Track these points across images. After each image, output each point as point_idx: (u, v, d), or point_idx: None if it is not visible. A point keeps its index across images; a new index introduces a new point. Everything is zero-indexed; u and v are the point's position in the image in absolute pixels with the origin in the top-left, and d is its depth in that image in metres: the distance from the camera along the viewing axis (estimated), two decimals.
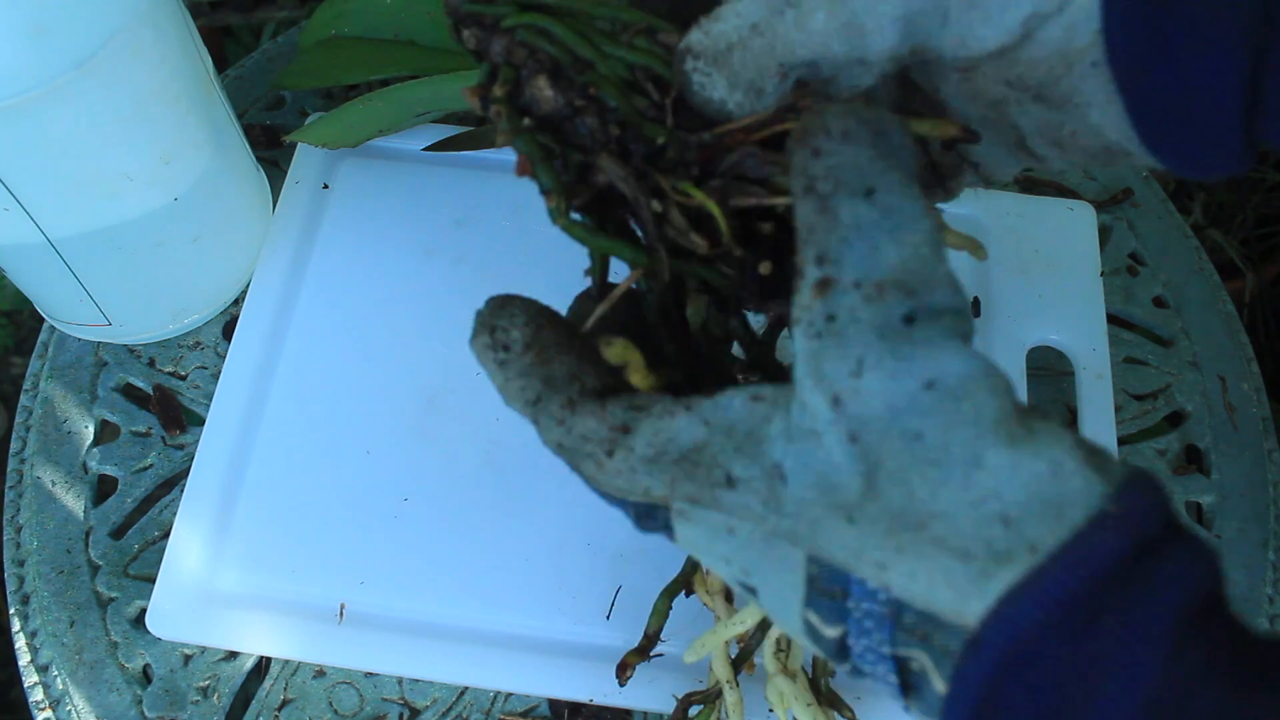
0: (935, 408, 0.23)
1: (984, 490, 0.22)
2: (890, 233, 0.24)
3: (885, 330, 0.23)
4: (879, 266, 0.24)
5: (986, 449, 0.22)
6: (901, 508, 0.23)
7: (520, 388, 0.29)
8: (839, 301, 0.24)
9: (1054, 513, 0.22)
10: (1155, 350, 0.54)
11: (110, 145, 0.41)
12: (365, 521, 0.46)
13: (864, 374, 0.23)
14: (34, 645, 0.46)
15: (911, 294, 0.23)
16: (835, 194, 0.24)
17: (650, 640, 0.41)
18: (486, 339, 0.30)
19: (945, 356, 0.23)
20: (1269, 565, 0.48)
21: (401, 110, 0.50)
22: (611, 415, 0.27)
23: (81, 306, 0.48)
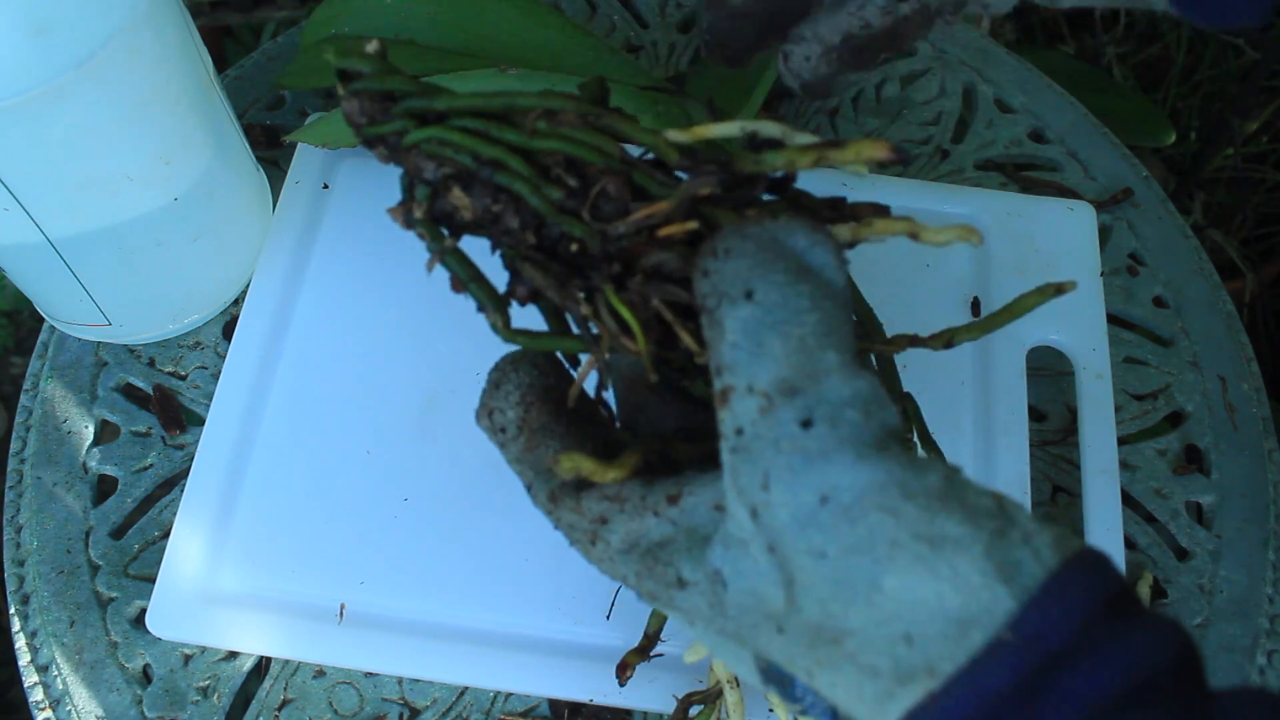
0: (832, 526, 0.22)
1: (887, 611, 0.22)
2: (773, 328, 0.24)
3: (781, 442, 0.23)
4: (766, 367, 0.23)
5: (884, 574, 0.22)
6: (819, 622, 0.23)
7: (518, 472, 0.30)
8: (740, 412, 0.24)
9: (956, 632, 0.21)
10: (1155, 350, 0.54)
11: (110, 145, 0.41)
12: (365, 521, 0.46)
13: (770, 487, 0.23)
14: (34, 645, 0.46)
15: (799, 393, 0.23)
16: (719, 305, 0.25)
17: (650, 640, 0.41)
18: (487, 421, 0.30)
19: (837, 469, 0.23)
20: (1269, 565, 0.48)
21: None
22: (588, 509, 0.28)
23: (81, 306, 0.48)
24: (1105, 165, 0.60)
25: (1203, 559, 0.49)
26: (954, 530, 0.22)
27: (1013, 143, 0.60)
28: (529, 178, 0.28)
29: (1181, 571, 0.48)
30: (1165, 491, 0.50)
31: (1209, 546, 0.49)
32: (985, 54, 0.64)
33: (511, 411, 0.30)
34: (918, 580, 0.22)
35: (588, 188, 0.27)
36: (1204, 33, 0.98)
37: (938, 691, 0.21)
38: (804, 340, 0.24)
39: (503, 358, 0.31)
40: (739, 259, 0.25)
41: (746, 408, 0.24)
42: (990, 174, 0.59)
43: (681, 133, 0.27)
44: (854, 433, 0.23)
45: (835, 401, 0.23)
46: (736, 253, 0.25)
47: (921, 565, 0.22)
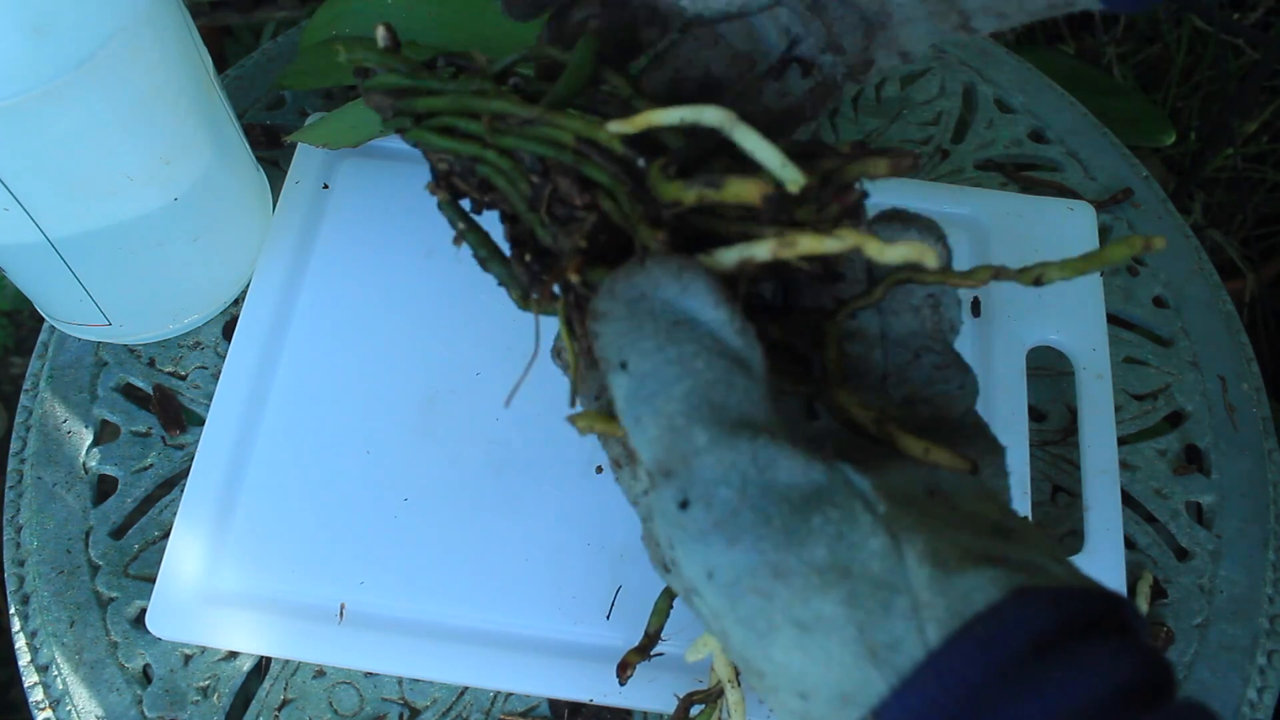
0: (718, 602, 0.23)
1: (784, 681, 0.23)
2: (645, 402, 0.24)
3: (668, 517, 0.23)
4: (646, 446, 0.24)
5: (769, 647, 0.22)
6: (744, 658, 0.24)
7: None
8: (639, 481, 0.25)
9: (840, 703, 0.22)
10: (1155, 350, 0.54)
11: (110, 145, 0.41)
12: (365, 521, 0.46)
13: (675, 552, 0.23)
14: (34, 645, 0.46)
15: (673, 475, 0.23)
16: (608, 371, 0.24)
17: (651, 639, 0.41)
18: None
19: (714, 551, 0.23)
20: (1269, 565, 0.48)
21: None
22: (610, 446, 0.28)
23: (81, 306, 0.48)
24: (1105, 165, 0.60)
25: (1203, 559, 0.49)
26: (828, 610, 0.22)
27: (1013, 143, 0.60)
28: (506, 171, 0.28)
29: (1181, 571, 0.48)
30: (1165, 491, 0.50)
31: (1209, 546, 0.49)
32: (985, 54, 0.64)
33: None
34: (797, 659, 0.22)
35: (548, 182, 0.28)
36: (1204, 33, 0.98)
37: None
38: (672, 419, 0.23)
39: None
40: (613, 322, 0.24)
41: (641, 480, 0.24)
42: (990, 174, 0.59)
43: (624, 123, 0.27)
44: (726, 514, 0.22)
45: (708, 480, 0.23)
46: (610, 316, 0.25)
47: (796, 647, 0.22)
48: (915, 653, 0.21)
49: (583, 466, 0.47)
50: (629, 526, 0.46)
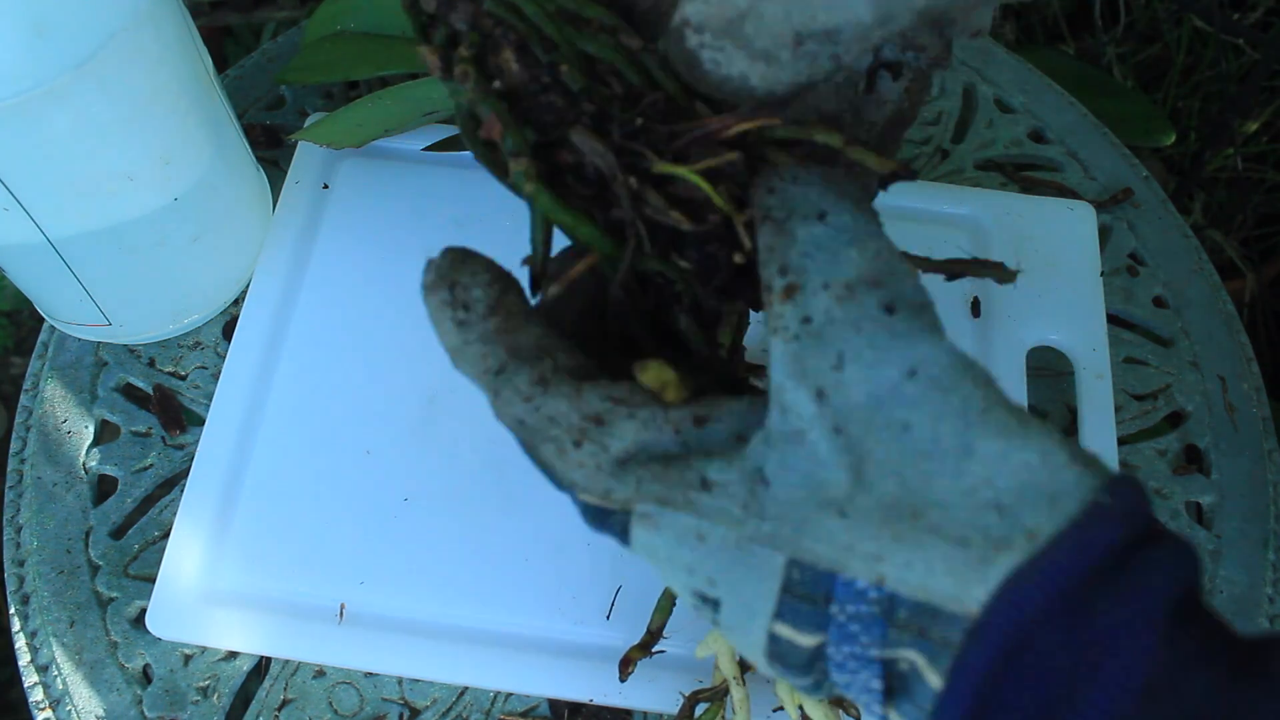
0: (921, 398, 0.23)
1: (977, 479, 0.22)
2: (849, 244, 0.24)
3: (862, 323, 0.23)
4: (843, 269, 0.24)
5: (977, 439, 0.22)
6: (895, 498, 0.23)
7: (480, 354, 0.27)
8: (811, 304, 0.24)
9: (1048, 503, 0.22)
10: (1155, 350, 0.54)
11: (110, 145, 0.41)
12: (365, 521, 0.46)
13: (845, 366, 0.23)
14: (34, 645, 0.46)
15: (882, 286, 0.24)
16: (789, 218, 0.25)
17: (653, 636, 0.41)
18: (445, 294, 0.28)
19: (925, 347, 0.23)
20: (1269, 565, 0.48)
21: (409, 109, 0.50)
22: (587, 404, 0.26)
23: (81, 306, 0.48)
24: (1105, 165, 0.60)
25: (1203, 559, 0.49)
26: (1034, 420, 0.23)
27: (1013, 143, 0.60)
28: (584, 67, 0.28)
29: None
30: (1165, 491, 0.50)
31: (1209, 546, 0.49)
32: (985, 54, 0.64)
33: (480, 290, 0.28)
34: (1010, 447, 0.22)
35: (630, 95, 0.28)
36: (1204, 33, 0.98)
37: (1040, 553, 0.21)
38: (879, 251, 0.24)
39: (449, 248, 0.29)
40: (807, 186, 0.26)
41: (819, 300, 0.24)
42: (990, 174, 0.59)
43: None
44: (934, 323, 0.24)
45: (915, 298, 0.24)
46: (804, 180, 0.26)
47: (1015, 435, 0.22)
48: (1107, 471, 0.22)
49: None
50: None
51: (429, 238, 0.53)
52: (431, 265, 0.28)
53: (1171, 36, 1.01)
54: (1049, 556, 0.21)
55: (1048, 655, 0.21)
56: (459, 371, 0.28)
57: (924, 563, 0.22)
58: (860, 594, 0.24)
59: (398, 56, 0.52)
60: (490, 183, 0.59)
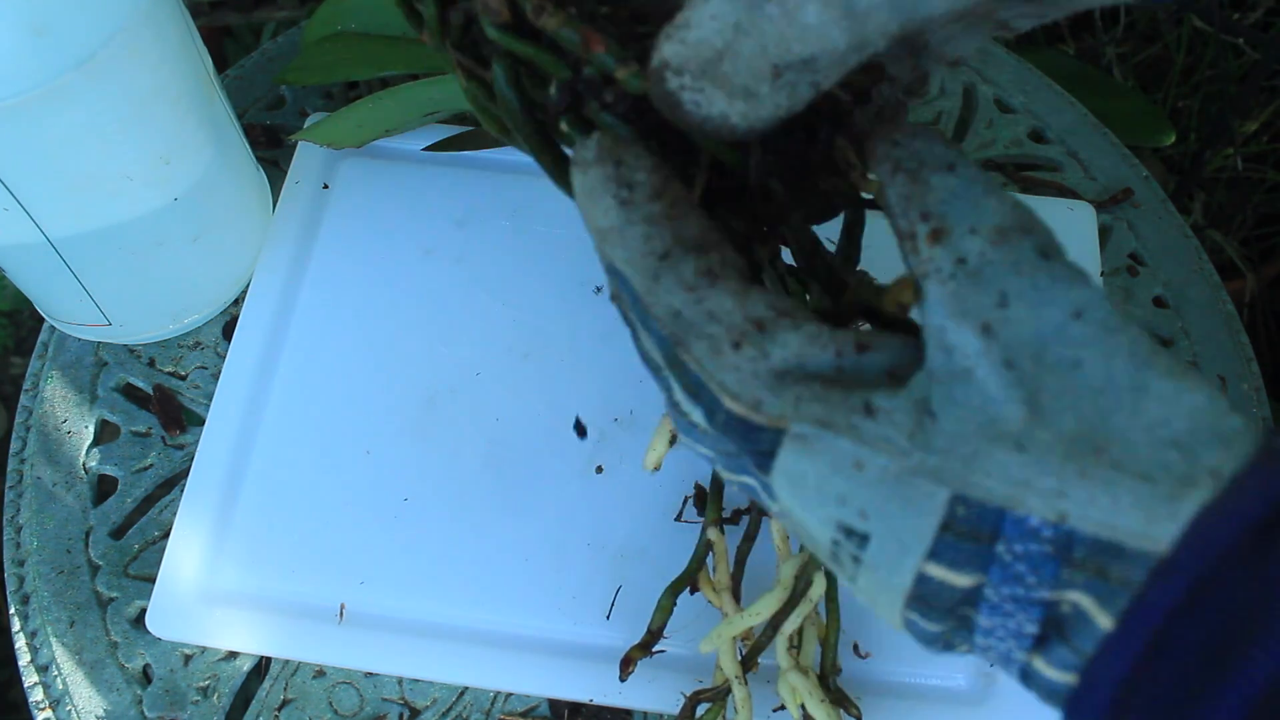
0: (1090, 337, 0.23)
1: (1154, 416, 0.22)
2: (986, 193, 0.25)
3: (1020, 265, 0.24)
4: (988, 216, 0.24)
5: (1151, 377, 0.22)
6: (1075, 432, 0.22)
7: (644, 235, 0.26)
8: (964, 245, 0.24)
9: (1222, 444, 0.22)
10: None
11: (110, 145, 0.41)
12: (365, 521, 0.46)
13: (1010, 304, 0.23)
14: (34, 645, 0.46)
15: (1032, 233, 0.24)
16: (920, 168, 0.25)
17: (654, 636, 0.41)
18: (610, 169, 0.27)
19: (1087, 290, 0.23)
20: None
21: (411, 109, 0.50)
22: (752, 306, 0.25)
23: (81, 306, 0.48)
24: (1105, 165, 0.60)
25: None
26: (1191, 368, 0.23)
27: (1013, 143, 0.60)
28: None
29: None
30: None
31: None
32: (985, 54, 0.64)
33: (643, 175, 0.27)
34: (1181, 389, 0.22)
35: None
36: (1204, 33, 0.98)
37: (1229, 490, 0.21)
38: (1016, 203, 0.25)
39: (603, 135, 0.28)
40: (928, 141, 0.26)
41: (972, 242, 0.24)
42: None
43: None
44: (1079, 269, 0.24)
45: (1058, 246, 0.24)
46: (924, 136, 0.26)
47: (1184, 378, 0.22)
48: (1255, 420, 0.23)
49: (583, 466, 0.47)
50: (629, 526, 0.46)
51: (429, 238, 0.53)
52: (590, 141, 0.27)
53: (1171, 36, 1.01)
54: (1236, 495, 0.21)
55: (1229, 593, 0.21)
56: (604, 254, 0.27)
57: (1110, 499, 0.22)
58: (1032, 532, 0.23)
59: (398, 57, 0.52)
60: (490, 182, 0.60)
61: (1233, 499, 0.21)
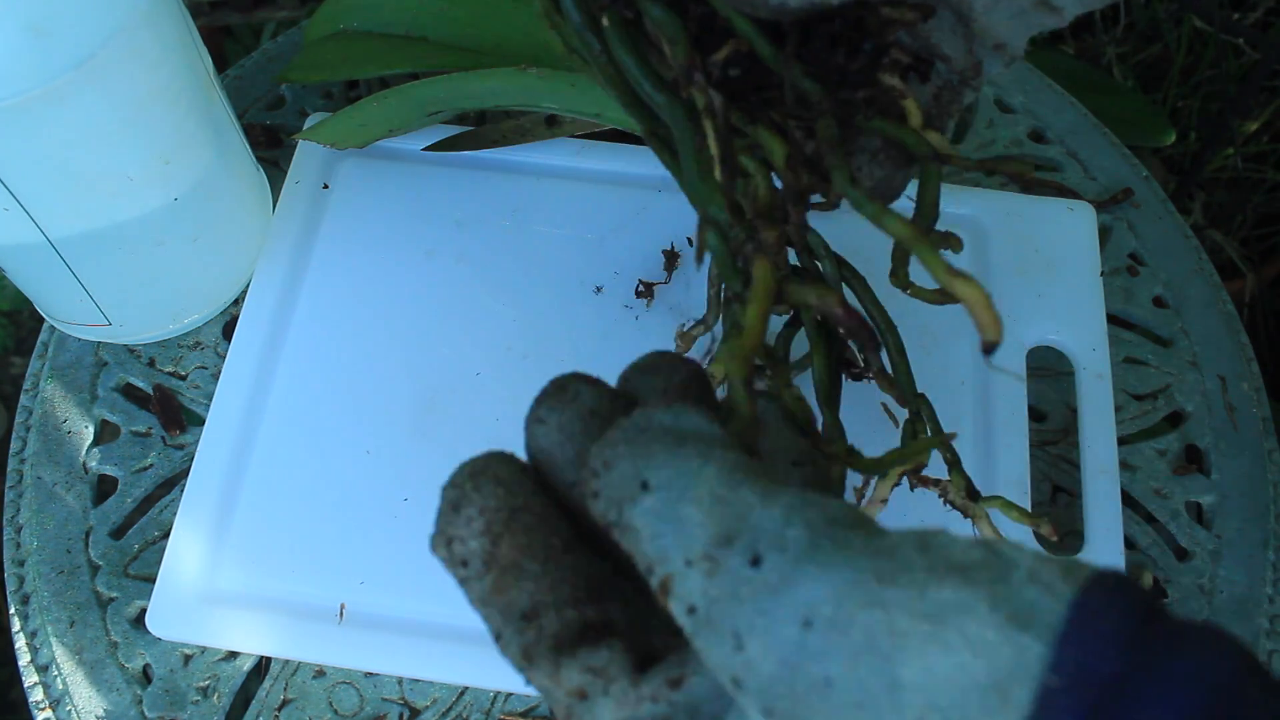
0: (827, 647, 0.21)
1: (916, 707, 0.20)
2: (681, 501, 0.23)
3: (740, 590, 0.21)
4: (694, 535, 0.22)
5: (897, 668, 0.20)
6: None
7: (484, 615, 0.26)
8: (686, 589, 0.22)
9: (998, 699, 0.20)
10: (1155, 350, 0.54)
11: (110, 145, 0.41)
12: (365, 521, 0.46)
13: (745, 645, 0.21)
14: (34, 645, 0.46)
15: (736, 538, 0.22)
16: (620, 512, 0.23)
17: None
18: (445, 551, 0.27)
19: (806, 587, 0.21)
20: (1269, 565, 0.48)
21: (414, 109, 0.50)
22: (567, 679, 0.25)
23: (81, 306, 0.48)
24: (1105, 165, 0.60)
25: (1203, 559, 0.49)
26: (950, 596, 0.20)
27: (1013, 143, 0.60)
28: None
29: (1181, 571, 0.48)
30: (1165, 491, 0.50)
31: (1209, 546, 0.49)
32: None
33: (475, 542, 0.26)
34: (933, 660, 0.20)
35: None
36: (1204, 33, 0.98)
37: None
38: (714, 493, 0.22)
39: (458, 471, 0.28)
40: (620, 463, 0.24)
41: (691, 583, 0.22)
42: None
43: None
44: (804, 547, 0.21)
45: (771, 530, 0.22)
46: (614, 458, 0.24)
47: (931, 644, 0.20)
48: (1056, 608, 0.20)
49: None
50: None
51: (429, 238, 0.53)
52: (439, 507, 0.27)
53: (1171, 36, 1.01)
54: None
55: None
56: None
57: None
58: None
59: (400, 56, 0.52)
60: (490, 182, 0.60)
61: None
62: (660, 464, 0.23)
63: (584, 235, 0.53)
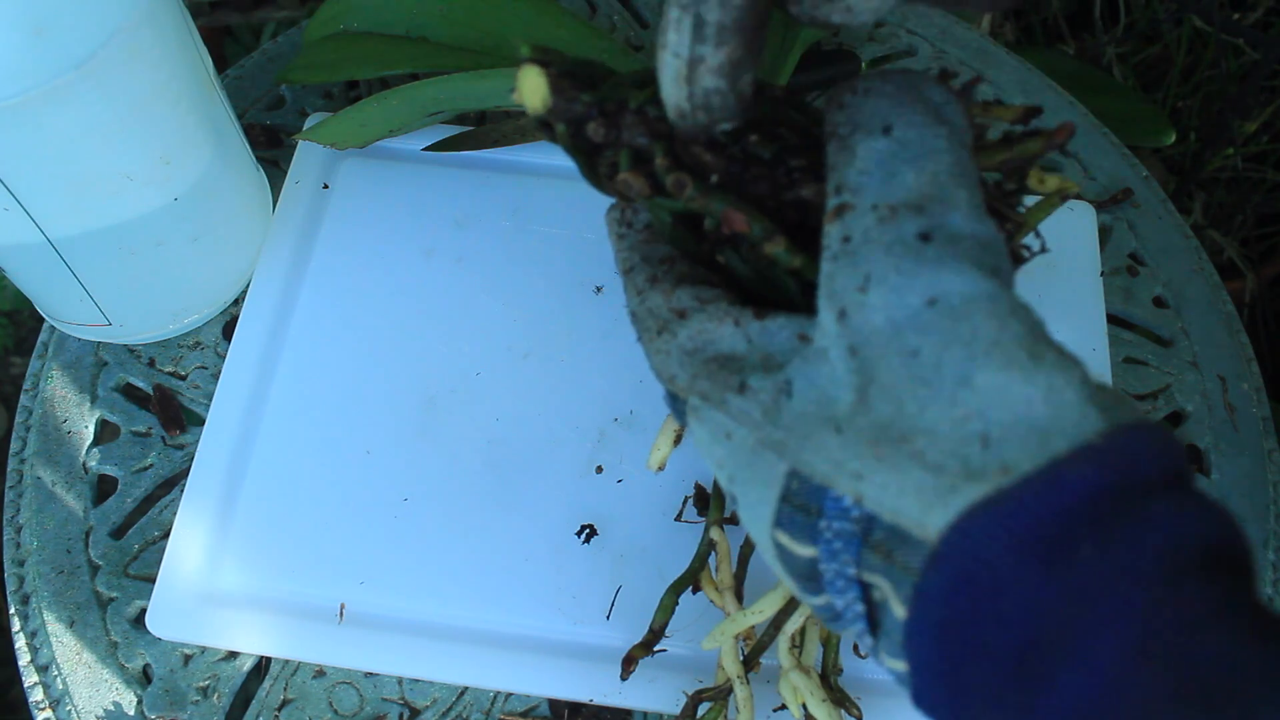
0: (934, 325, 0.23)
1: (969, 409, 0.22)
2: (908, 162, 0.25)
3: (895, 247, 0.24)
4: (895, 191, 0.24)
5: (977, 369, 0.22)
6: (888, 421, 0.23)
7: (624, 258, 0.31)
8: (854, 224, 0.25)
9: (1038, 439, 0.21)
10: (1155, 350, 0.54)
11: (110, 145, 0.41)
12: (365, 521, 0.46)
13: (870, 289, 0.24)
14: (34, 645, 0.46)
15: (924, 213, 0.24)
16: (853, 134, 0.26)
17: (656, 635, 0.41)
18: (617, 214, 0.32)
19: (951, 276, 0.23)
20: (1269, 565, 0.48)
21: (414, 109, 0.50)
22: (676, 299, 0.28)
23: (81, 306, 0.48)
24: (1105, 165, 0.60)
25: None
26: (1056, 357, 0.23)
27: None
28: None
29: None
30: None
31: None
32: (985, 54, 0.64)
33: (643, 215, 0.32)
34: (1011, 381, 0.22)
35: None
36: (1204, 33, 0.98)
37: (1009, 487, 0.21)
38: (936, 175, 0.25)
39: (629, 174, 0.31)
40: (879, 98, 0.26)
41: (863, 220, 0.24)
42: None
43: None
44: (970, 254, 0.24)
45: (957, 229, 0.24)
46: (876, 92, 0.26)
47: (1019, 369, 0.22)
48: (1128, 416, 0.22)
49: (583, 466, 0.47)
50: (629, 526, 0.46)
51: (429, 238, 0.53)
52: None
53: (1171, 36, 1.01)
54: (1016, 492, 0.21)
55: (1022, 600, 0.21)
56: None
57: (898, 485, 0.23)
58: (844, 511, 0.24)
59: (401, 55, 0.52)
60: (490, 182, 0.60)
61: (1011, 496, 0.21)
62: (912, 123, 0.25)
63: (584, 235, 0.53)
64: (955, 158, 0.25)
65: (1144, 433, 0.22)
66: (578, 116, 0.29)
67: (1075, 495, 0.21)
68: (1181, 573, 0.20)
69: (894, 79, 0.27)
